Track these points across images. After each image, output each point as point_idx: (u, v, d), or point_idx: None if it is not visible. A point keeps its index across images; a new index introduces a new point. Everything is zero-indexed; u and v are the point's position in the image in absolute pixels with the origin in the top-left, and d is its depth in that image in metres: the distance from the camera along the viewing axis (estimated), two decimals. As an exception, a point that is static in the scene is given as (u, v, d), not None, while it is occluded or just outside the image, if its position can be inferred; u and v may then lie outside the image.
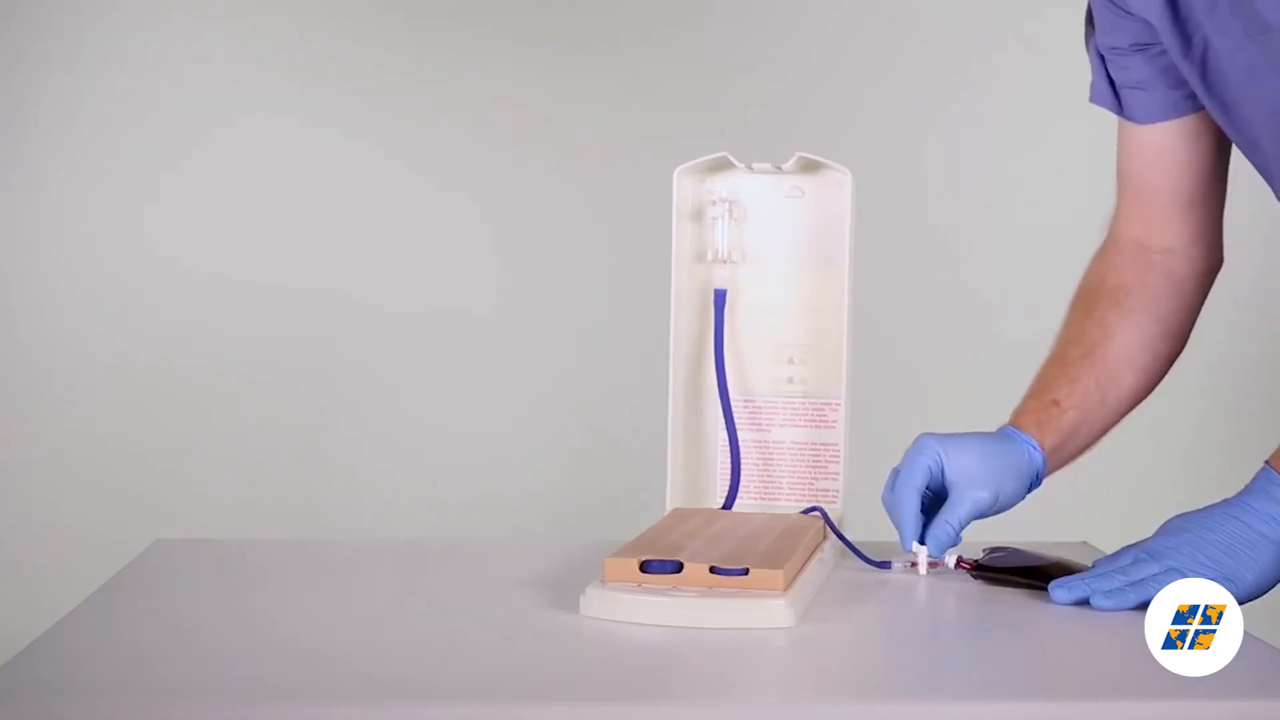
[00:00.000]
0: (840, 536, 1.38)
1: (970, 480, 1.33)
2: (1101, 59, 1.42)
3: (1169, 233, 1.45)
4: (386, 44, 2.65)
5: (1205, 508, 1.28)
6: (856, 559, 1.36)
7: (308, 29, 2.65)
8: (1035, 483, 1.38)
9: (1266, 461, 1.28)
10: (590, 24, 2.68)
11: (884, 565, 1.35)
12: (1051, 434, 1.39)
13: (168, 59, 2.62)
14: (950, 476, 1.33)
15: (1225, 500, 1.27)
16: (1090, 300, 1.47)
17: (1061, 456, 1.41)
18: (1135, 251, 1.47)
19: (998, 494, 1.34)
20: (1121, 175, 1.47)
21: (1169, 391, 1.51)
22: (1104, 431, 1.46)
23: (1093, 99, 1.45)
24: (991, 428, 1.44)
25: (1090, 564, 1.27)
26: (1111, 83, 1.42)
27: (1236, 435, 2.75)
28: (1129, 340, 1.44)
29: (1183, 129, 1.41)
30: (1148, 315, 1.45)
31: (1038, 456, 1.38)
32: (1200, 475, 2.77)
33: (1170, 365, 1.48)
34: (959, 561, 1.33)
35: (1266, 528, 1.23)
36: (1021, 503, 1.38)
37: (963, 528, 1.33)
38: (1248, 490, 1.27)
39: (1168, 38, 1.34)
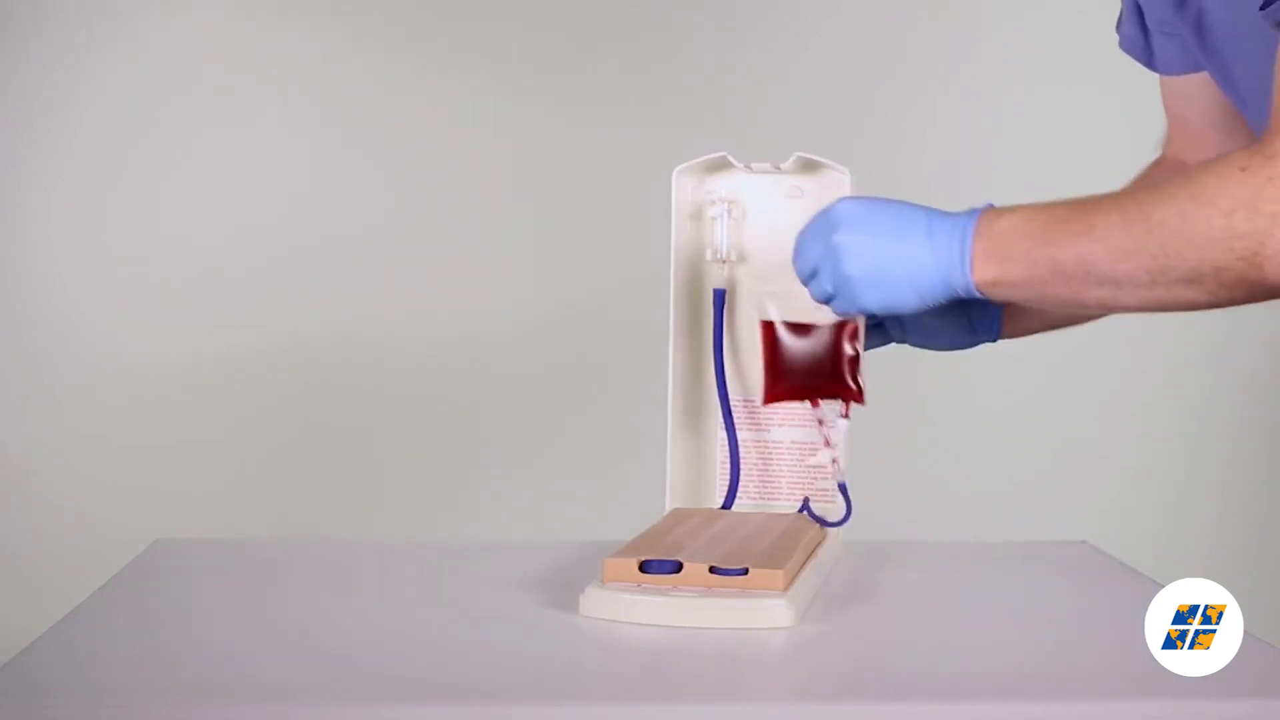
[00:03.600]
0: (811, 512, 1.39)
1: None
2: (1136, 5, 1.41)
3: (1208, 151, 1.43)
4: (386, 45, 2.66)
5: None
6: (856, 559, 1.36)
7: (309, 29, 2.65)
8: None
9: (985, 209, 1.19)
10: (589, 24, 2.68)
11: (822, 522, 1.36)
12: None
13: (168, 59, 2.63)
14: None
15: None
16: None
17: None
18: (1177, 166, 1.46)
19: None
20: (1164, 105, 1.47)
21: (1169, 390, 1.51)
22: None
23: (1122, 46, 1.44)
24: (993, 430, 1.44)
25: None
26: (1144, 31, 1.41)
27: (1236, 435, 2.76)
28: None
29: (1209, 77, 1.40)
30: None
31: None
32: (1200, 475, 2.78)
33: None
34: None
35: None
36: (1022, 503, 1.38)
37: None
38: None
39: None
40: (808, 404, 1.39)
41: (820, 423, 1.37)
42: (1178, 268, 1.08)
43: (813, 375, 1.36)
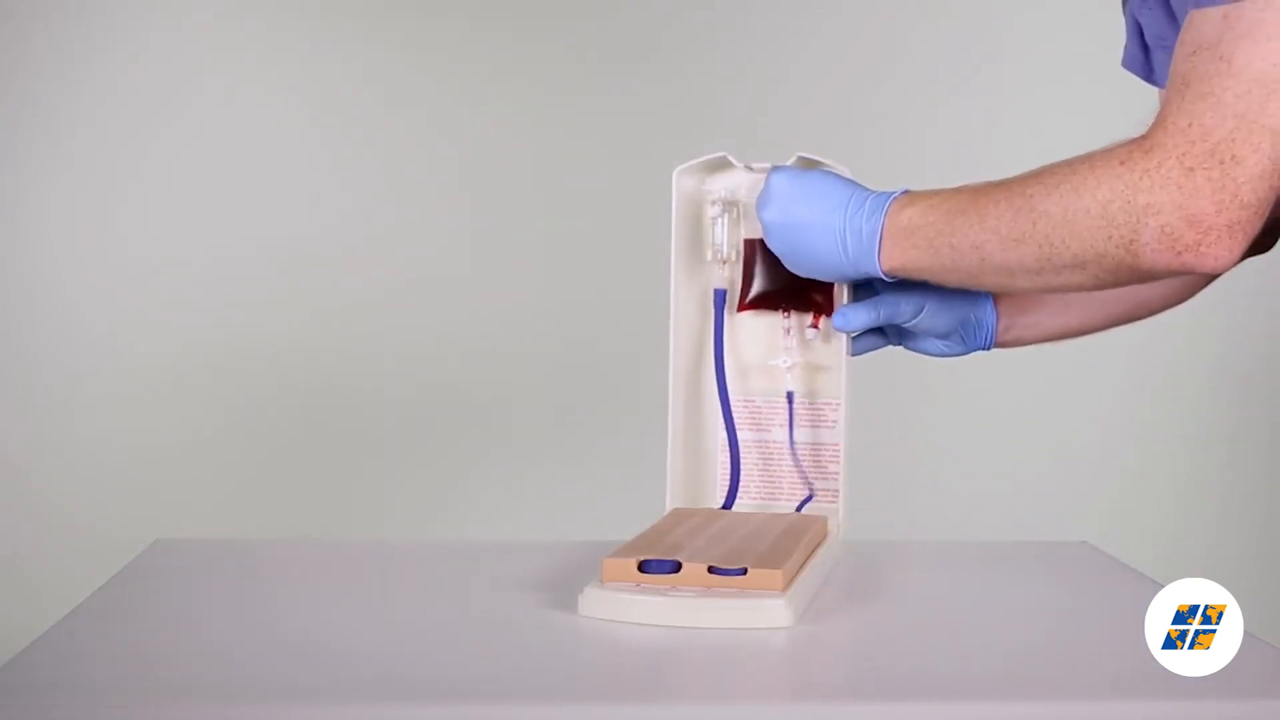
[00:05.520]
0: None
1: None
2: (1137, 23, 1.41)
3: None
4: (386, 46, 2.66)
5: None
6: (856, 560, 1.36)
7: (311, 31, 2.65)
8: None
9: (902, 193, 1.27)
10: (590, 24, 2.68)
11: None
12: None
13: (168, 60, 2.63)
14: None
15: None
16: None
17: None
18: None
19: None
20: None
21: (1169, 391, 1.51)
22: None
23: (1124, 64, 1.45)
24: (993, 431, 1.44)
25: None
26: (1144, 48, 1.41)
27: (1236, 435, 2.76)
28: None
29: None
30: None
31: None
32: (1200, 475, 2.78)
33: None
34: None
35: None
36: (1022, 503, 1.38)
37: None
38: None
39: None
40: (809, 404, 1.41)
41: (787, 332, 1.41)
42: (1062, 255, 1.16)
43: (788, 290, 1.40)
